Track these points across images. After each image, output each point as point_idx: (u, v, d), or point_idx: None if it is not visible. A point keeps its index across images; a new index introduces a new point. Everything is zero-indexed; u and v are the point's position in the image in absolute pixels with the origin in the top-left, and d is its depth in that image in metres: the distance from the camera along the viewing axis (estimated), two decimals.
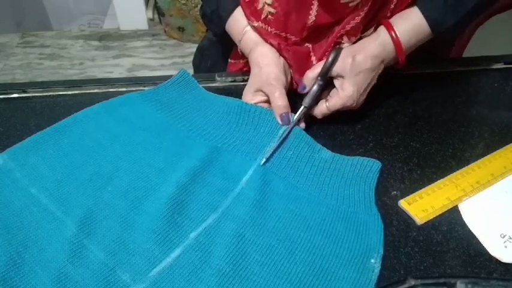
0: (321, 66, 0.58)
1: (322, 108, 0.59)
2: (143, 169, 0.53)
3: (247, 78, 0.63)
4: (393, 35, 0.57)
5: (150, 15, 2.25)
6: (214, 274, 0.42)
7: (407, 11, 0.58)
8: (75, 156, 0.54)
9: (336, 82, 0.59)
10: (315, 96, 0.59)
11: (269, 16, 0.59)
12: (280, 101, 0.58)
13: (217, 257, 0.44)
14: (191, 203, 0.50)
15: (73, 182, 0.51)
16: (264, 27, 0.60)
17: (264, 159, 0.55)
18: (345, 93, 0.57)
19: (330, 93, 0.59)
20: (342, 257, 0.45)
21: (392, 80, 0.63)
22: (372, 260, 0.45)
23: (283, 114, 0.58)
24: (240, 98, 0.62)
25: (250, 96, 0.61)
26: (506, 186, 0.54)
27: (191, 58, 0.86)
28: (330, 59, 0.57)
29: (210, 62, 0.81)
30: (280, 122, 0.58)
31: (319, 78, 0.58)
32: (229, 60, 0.75)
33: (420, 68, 0.70)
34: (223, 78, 0.69)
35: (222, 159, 0.55)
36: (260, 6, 0.59)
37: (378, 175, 0.55)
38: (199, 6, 0.70)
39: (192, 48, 0.87)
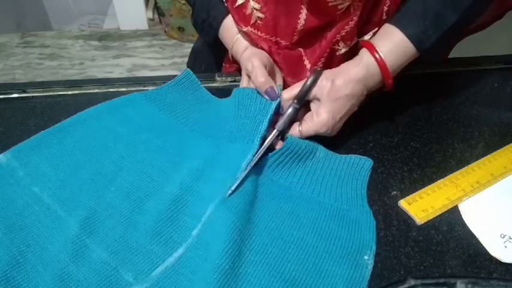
0: (299, 87, 0.55)
1: (295, 133, 0.56)
2: (146, 169, 0.53)
3: None
4: (377, 56, 0.54)
5: (150, 15, 2.25)
6: (213, 270, 0.42)
7: (387, 31, 0.56)
8: (78, 155, 0.54)
9: (312, 106, 0.56)
10: (289, 119, 0.55)
11: (258, 21, 0.59)
12: (259, 77, 0.56)
13: (216, 252, 0.44)
14: (195, 201, 0.50)
15: (76, 182, 0.51)
16: (253, 32, 0.60)
17: (230, 191, 0.49)
18: (319, 119, 0.54)
19: (305, 117, 0.56)
20: (335, 254, 0.46)
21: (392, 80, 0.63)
22: (365, 257, 0.46)
23: (268, 89, 0.56)
24: None
25: (245, 85, 0.60)
26: (506, 186, 0.54)
27: None
28: (309, 81, 0.54)
29: (203, 66, 0.80)
30: (268, 98, 0.56)
31: (295, 101, 0.55)
32: (223, 65, 0.74)
33: (420, 68, 0.70)
34: (223, 78, 0.69)
35: (222, 152, 0.55)
36: (249, 11, 0.59)
37: (369, 172, 0.55)
38: None
39: None
